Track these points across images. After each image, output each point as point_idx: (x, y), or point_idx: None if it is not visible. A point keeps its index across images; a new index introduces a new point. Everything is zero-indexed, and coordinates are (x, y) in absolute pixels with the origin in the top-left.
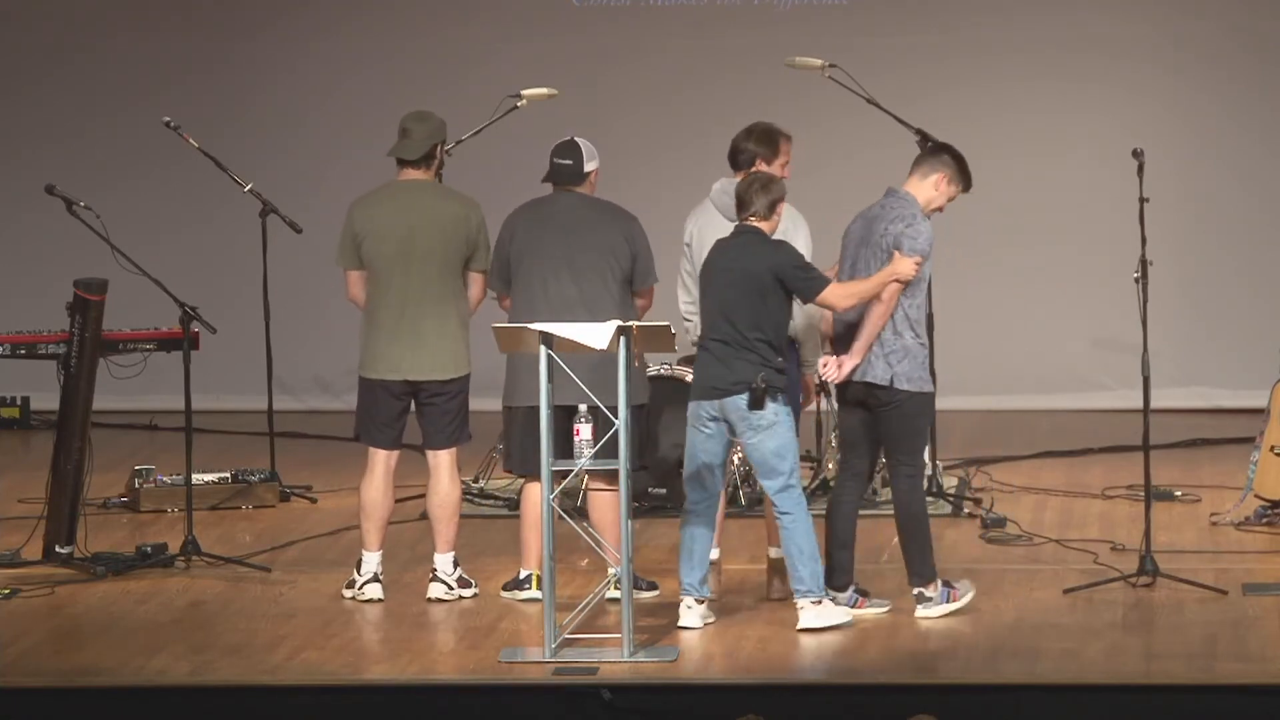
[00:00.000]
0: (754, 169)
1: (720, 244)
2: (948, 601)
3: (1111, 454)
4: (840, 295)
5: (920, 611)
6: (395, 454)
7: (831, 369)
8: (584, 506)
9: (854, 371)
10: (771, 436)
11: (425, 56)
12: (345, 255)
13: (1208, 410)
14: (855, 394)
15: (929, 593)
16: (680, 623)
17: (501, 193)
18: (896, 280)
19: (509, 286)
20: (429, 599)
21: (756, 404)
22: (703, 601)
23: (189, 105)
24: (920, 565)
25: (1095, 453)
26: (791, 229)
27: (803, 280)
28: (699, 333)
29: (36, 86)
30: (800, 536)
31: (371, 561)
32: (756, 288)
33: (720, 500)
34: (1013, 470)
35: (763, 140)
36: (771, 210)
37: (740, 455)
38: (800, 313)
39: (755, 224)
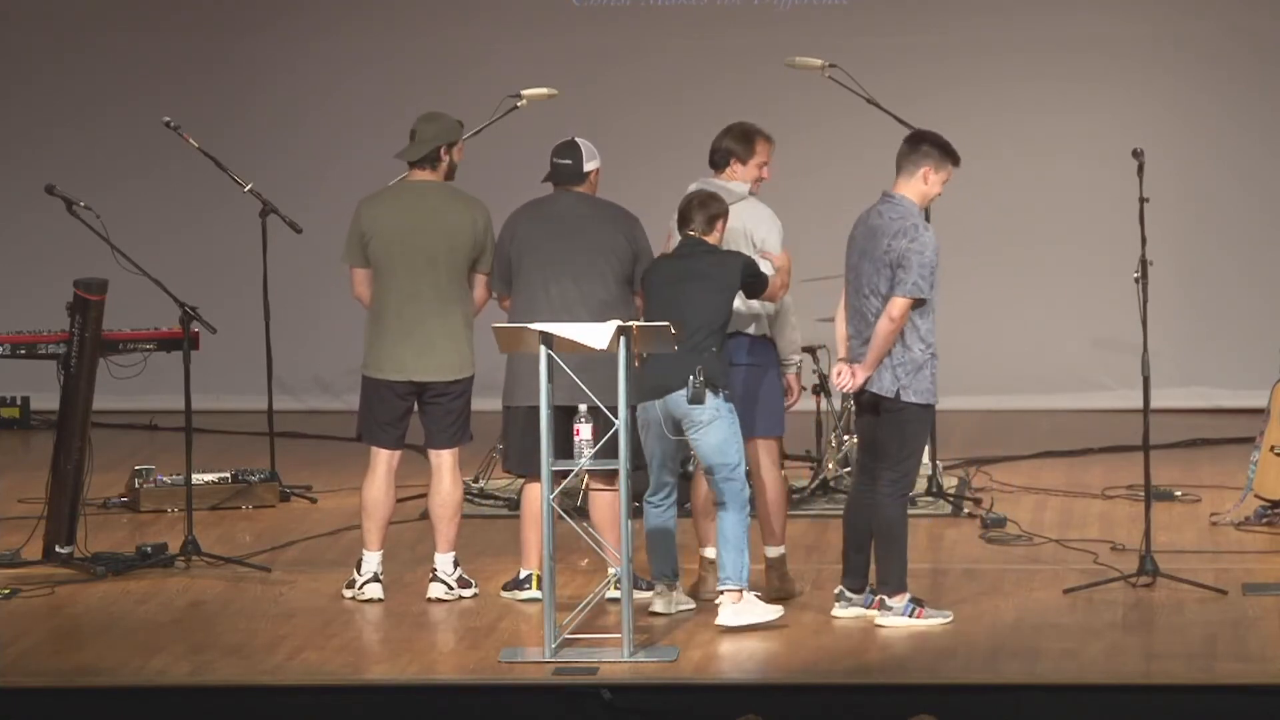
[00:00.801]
0: (729, 168)
1: (675, 255)
2: (910, 618)
3: (1111, 454)
4: (776, 287)
5: (879, 619)
6: (397, 454)
7: (845, 378)
8: (584, 506)
9: (866, 382)
10: (712, 432)
11: (425, 56)
12: (351, 253)
13: (1208, 410)
14: (866, 401)
15: (891, 602)
16: (651, 609)
17: (501, 193)
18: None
19: (509, 287)
20: (429, 599)
21: (697, 398)
22: (674, 588)
23: (189, 105)
24: (887, 574)
25: (1095, 453)
26: (767, 223)
27: (755, 281)
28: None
29: (36, 86)
30: (729, 526)
31: (372, 561)
32: (721, 294)
33: (706, 498)
34: (1013, 470)
35: (739, 139)
36: (711, 226)
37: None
38: (777, 314)
39: (700, 237)
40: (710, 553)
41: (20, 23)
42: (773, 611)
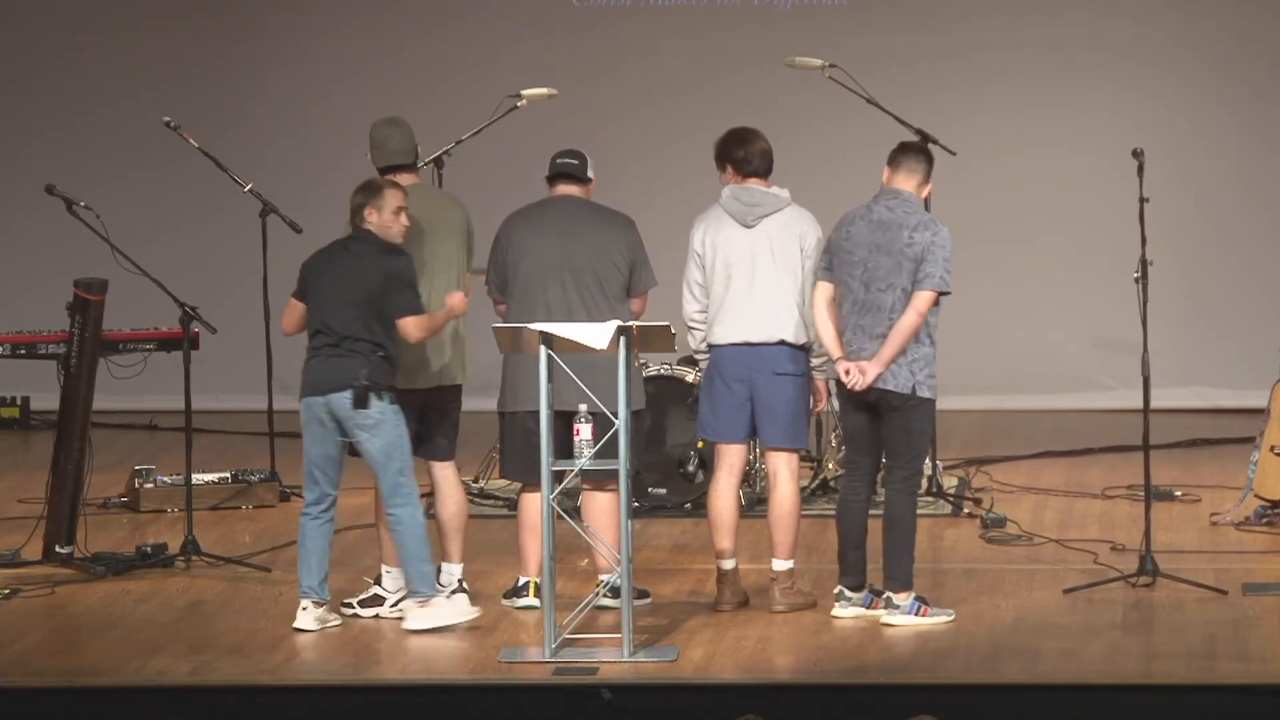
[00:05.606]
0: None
1: (332, 250)
2: (916, 615)
3: (1111, 454)
4: (415, 326)
5: (885, 618)
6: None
7: (855, 376)
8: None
9: (877, 379)
10: (378, 435)
11: (425, 56)
12: None
13: (1208, 410)
14: (868, 398)
15: (898, 600)
16: (295, 624)
17: (501, 193)
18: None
19: (505, 291)
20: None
21: (360, 402)
22: (321, 605)
23: (189, 105)
24: (896, 570)
25: (1095, 453)
26: (812, 230)
27: (403, 299)
28: (704, 339)
29: (36, 86)
30: (409, 539)
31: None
32: (369, 293)
33: (731, 510)
34: (1013, 470)
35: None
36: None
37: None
38: (814, 319)
39: (374, 232)
40: (727, 564)
41: (20, 23)
42: (462, 614)
